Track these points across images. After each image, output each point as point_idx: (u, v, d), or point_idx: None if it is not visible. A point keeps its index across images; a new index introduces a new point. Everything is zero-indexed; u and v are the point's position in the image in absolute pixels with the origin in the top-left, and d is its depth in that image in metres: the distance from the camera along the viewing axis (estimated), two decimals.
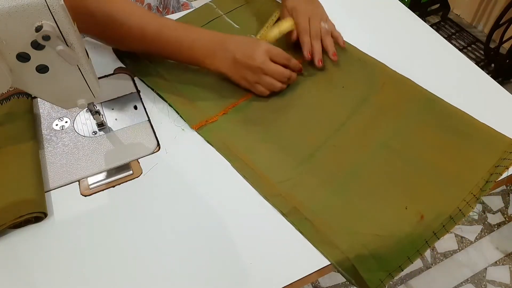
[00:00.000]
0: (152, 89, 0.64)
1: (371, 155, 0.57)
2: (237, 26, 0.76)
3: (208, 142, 0.58)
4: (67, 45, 0.43)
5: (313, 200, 0.52)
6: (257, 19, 0.77)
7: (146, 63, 0.68)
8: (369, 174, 0.55)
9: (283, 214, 0.50)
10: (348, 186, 0.53)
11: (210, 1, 0.80)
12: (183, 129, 0.60)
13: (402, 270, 0.47)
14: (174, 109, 0.62)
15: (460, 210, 0.51)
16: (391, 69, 0.68)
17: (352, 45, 0.72)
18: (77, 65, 0.46)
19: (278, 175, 0.54)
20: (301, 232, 0.49)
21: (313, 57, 0.68)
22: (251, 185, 0.53)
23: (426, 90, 0.64)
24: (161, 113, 0.62)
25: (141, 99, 0.64)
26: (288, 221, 0.50)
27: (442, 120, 0.60)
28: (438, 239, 0.49)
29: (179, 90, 0.64)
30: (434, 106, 0.62)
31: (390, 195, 0.53)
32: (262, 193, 0.52)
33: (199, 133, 0.59)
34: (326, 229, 0.49)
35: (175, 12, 0.91)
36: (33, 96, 0.62)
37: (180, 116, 0.61)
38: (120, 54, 0.69)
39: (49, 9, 0.40)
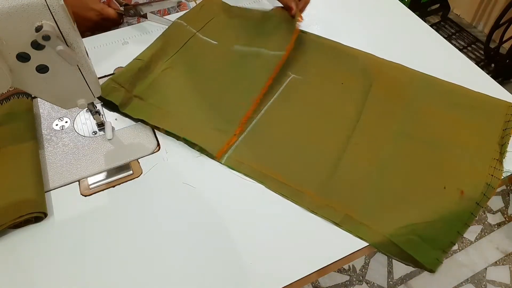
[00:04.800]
0: (158, 128, 0.59)
1: (394, 145, 0.58)
2: (215, 42, 0.72)
3: (235, 170, 0.55)
4: (67, 45, 0.43)
5: (357, 201, 0.52)
6: (231, 30, 0.74)
7: (140, 103, 0.61)
8: (398, 164, 0.56)
9: (336, 224, 0.50)
10: (383, 180, 0.54)
11: (178, 19, 0.73)
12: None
13: (454, 244, 0.48)
14: (191, 141, 0.57)
15: (492, 175, 0.53)
16: (378, 57, 0.70)
17: (339, 43, 0.72)
18: (77, 65, 0.46)
19: (314, 185, 0.53)
20: (359, 237, 0.49)
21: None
22: (293, 202, 0.52)
23: (417, 70, 0.67)
24: None
25: None
26: (343, 229, 0.49)
27: (443, 97, 0.64)
28: (482, 207, 0.51)
29: (186, 118, 0.60)
30: (432, 86, 0.65)
31: (425, 179, 0.54)
32: (309, 208, 0.51)
33: (224, 164, 0.55)
34: (378, 227, 0.49)
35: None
36: (33, 96, 0.62)
37: (200, 149, 0.57)
38: (110, 106, 0.61)
39: (49, 9, 0.40)
